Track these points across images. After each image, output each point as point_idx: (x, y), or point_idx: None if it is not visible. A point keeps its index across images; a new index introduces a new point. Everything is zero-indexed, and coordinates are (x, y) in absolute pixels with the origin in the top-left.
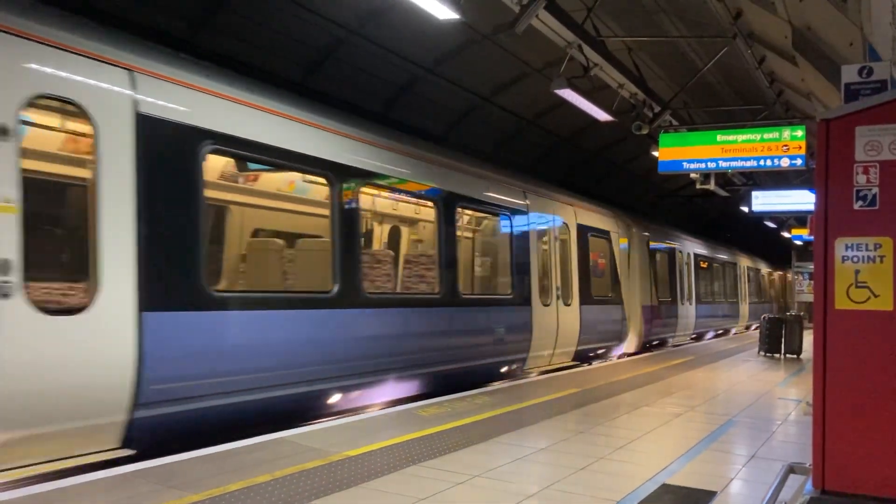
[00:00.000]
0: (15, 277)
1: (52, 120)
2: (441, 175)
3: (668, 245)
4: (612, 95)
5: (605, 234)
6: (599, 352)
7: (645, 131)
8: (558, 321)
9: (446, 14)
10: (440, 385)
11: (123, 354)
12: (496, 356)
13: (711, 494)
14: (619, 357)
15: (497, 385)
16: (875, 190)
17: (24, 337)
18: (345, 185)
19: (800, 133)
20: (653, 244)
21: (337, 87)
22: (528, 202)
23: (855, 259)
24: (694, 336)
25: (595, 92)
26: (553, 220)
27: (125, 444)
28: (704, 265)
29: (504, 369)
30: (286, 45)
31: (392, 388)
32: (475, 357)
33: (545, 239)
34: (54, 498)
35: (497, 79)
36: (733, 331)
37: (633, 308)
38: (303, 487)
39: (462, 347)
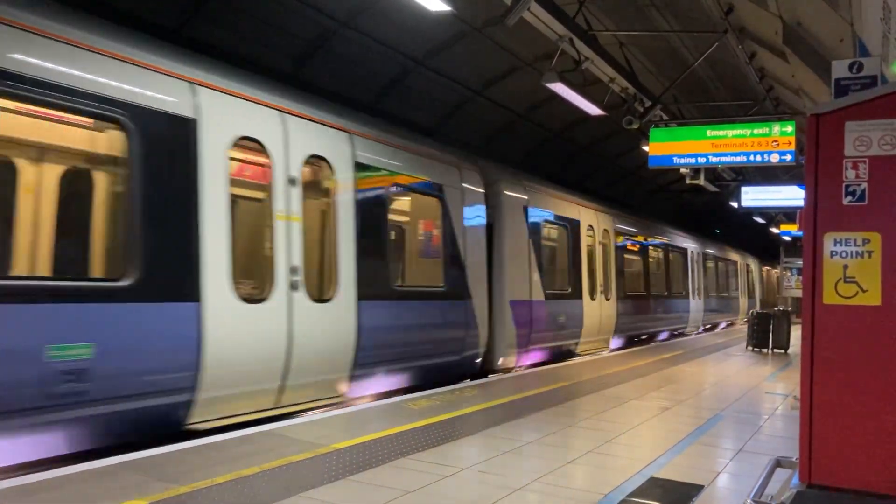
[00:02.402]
0: (299, 277)
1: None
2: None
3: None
4: (604, 90)
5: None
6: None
7: (635, 126)
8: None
9: (437, 6)
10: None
11: (350, 327)
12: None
13: (699, 488)
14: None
15: (488, 378)
16: (864, 185)
17: (307, 316)
18: None
19: (789, 129)
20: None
21: (327, 78)
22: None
23: (843, 254)
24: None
25: (586, 86)
26: (595, 227)
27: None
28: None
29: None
30: (276, 37)
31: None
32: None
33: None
34: (38, 489)
35: (488, 72)
36: (721, 325)
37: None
38: (291, 480)
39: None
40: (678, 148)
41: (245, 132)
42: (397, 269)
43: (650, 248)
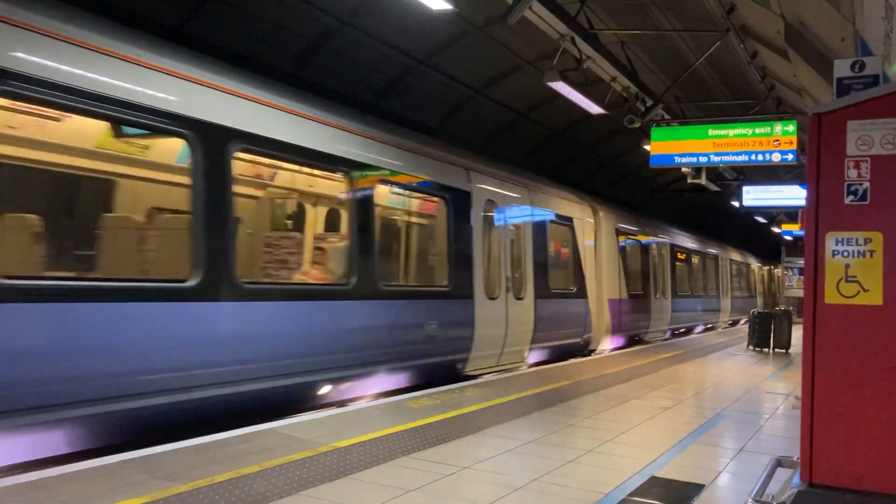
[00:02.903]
0: (510, 284)
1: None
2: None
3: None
4: (605, 89)
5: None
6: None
7: (637, 125)
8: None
9: (439, 5)
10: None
11: (531, 316)
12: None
13: (700, 487)
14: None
15: (487, 378)
16: (866, 185)
17: (513, 308)
18: None
19: (791, 128)
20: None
21: (329, 78)
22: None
23: (845, 254)
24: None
25: (588, 85)
26: (658, 245)
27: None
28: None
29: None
30: (277, 36)
31: None
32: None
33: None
34: (39, 486)
35: (489, 71)
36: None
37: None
38: (291, 478)
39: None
40: (680, 147)
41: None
42: (551, 278)
43: (690, 253)
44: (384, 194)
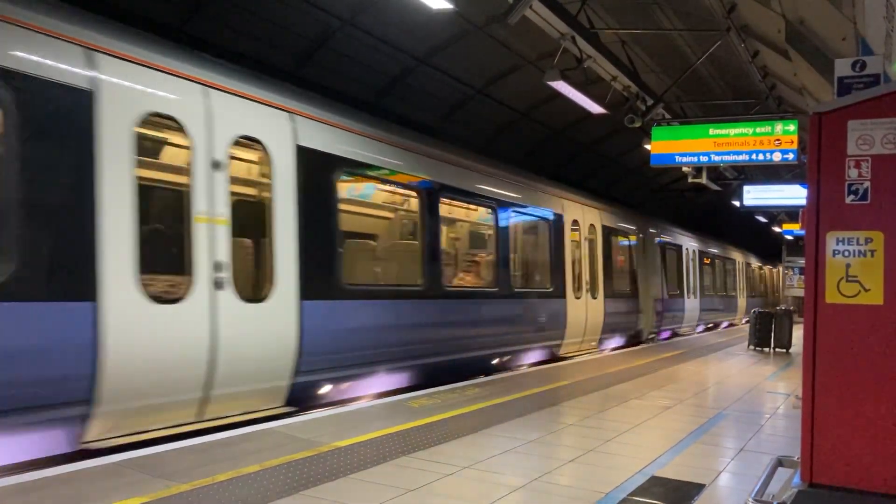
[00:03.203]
0: (591, 286)
1: None
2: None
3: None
4: (606, 88)
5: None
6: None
7: (637, 124)
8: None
9: (439, 4)
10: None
11: (601, 311)
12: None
13: (700, 487)
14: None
15: (489, 377)
16: (867, 184)
17: (594, 304)
18: None
19: (792, 127)
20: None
21: (329, 77)
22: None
23: (846, 253)
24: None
25: (588, 84)
26: (690, 250)
27: None
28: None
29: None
30: (278, 35)
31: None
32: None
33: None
34: (39, 486)
35: (490, 70)
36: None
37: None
38: (291, 478)
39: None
40: (680, 146)
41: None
42: (615, 281)
43: (714, 259)
44: (520, 223)
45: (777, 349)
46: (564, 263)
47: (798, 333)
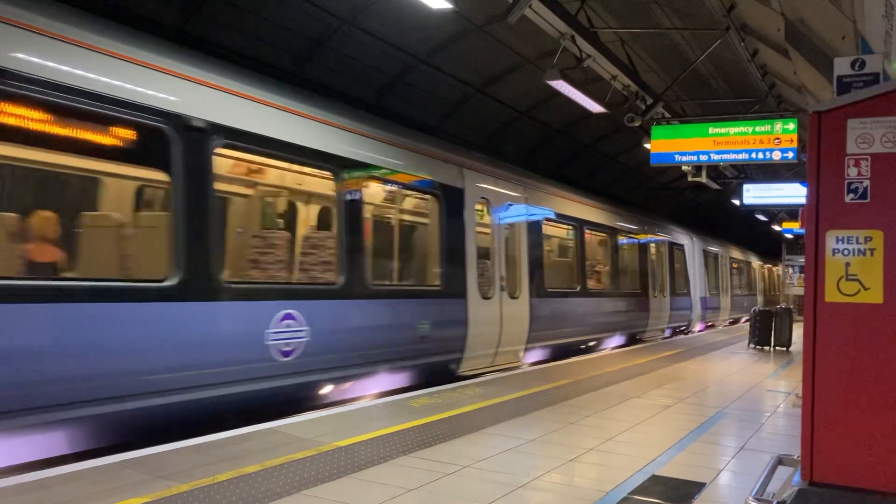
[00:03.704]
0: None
1: None
2: None
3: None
4: (605, 87)
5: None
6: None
7: (637, 123)
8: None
9: (439, 3)
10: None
11: (668, 306)
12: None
13: (701, 486)
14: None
15: (489, 377)
16: (866, 183)
17: (662, 302)
18: None
19: (791, 126)
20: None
21: (329, 76)
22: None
23: (845, 252)
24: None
25: (588, 84)
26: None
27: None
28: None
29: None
30: (278, 34)
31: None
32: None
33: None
34: (39, 487)
35: (490, 70)
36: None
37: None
38: (293, 477)
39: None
40: (680, 145)
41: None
42: (675, 282)
43: (740, 263)
44: (648, 246)
45: (777, 348)
46: (647, 270)
47: (798, 332)
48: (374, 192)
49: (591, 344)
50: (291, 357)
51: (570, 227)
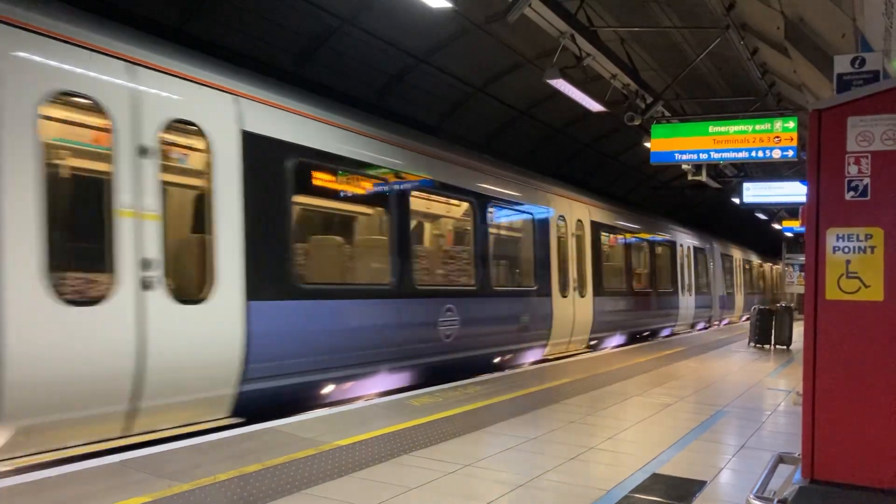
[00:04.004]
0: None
1: None
2: None
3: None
4: (605, 86)
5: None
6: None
7: (637, 122)
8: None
9: (439, 3)
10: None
11: (693, 303)
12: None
13: (701, 484)
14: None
15: (490, 375)
16: (866, 180)
17: (689, 300)
18: None
19: (791, 124)
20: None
21: (329, 76)
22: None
23: (846, 250)
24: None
25: (588, 82)
26: (735, 258)
27: None
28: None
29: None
30: (278, 34)
31: None
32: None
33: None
34: (41, 488)
35: (490, 69)
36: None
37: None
38: (293, 476)
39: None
40: (680, 144)
41: None
42: (700, 282)
43: (752, 265)
44: (715, 261)
45: (777, 346)
46: (678, 273)
47: (798, 330)
48: (501, 216)
49: (636, 335)
50: (450, 339)
51: (621, 238)
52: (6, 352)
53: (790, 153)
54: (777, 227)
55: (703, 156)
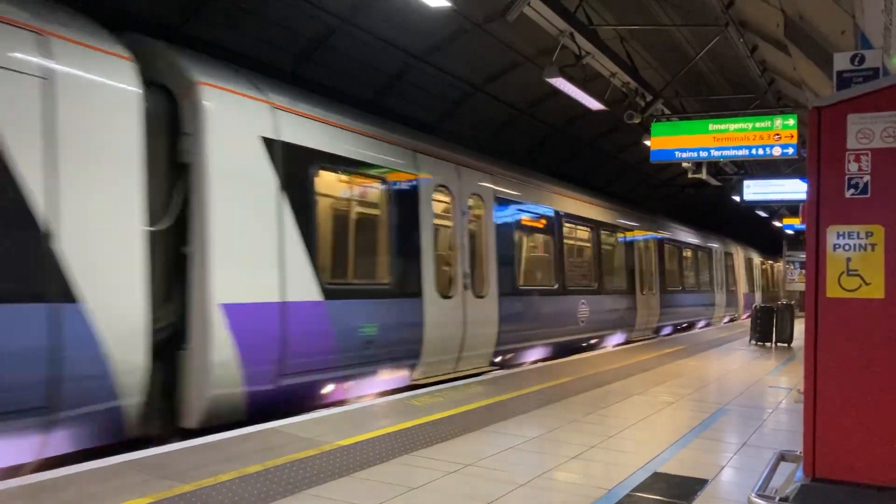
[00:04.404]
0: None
1: None
2: None
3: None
4: (605, 84)
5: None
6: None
7: (637, 120)
8: None
9: (438, 2)
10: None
11: (725, 300)
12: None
13: (703, 482)
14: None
15: (491, 375)
16: (867, 178)
17: (722, 297)
18: None
19: (791, 122)
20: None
21: (328, 76)
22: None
23: (846, 247)
24: None
25: (587, 81)
26: (750, 258)
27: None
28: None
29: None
30: (277, 34)
31: None
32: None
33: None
34: (42, 489)
35: (489, 68)
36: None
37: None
38: (295, 477)
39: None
40: (680, 142)
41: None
42: (727, 280)
43: (763, 265)
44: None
45: (779, 344)
46: (713, 275)
47: (800, 328)
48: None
49: (686, 325)
50: (583, 325)
51: (679, 248)
52: None
53: (790, 151)
54: (778, 224)
55: (704, 153)
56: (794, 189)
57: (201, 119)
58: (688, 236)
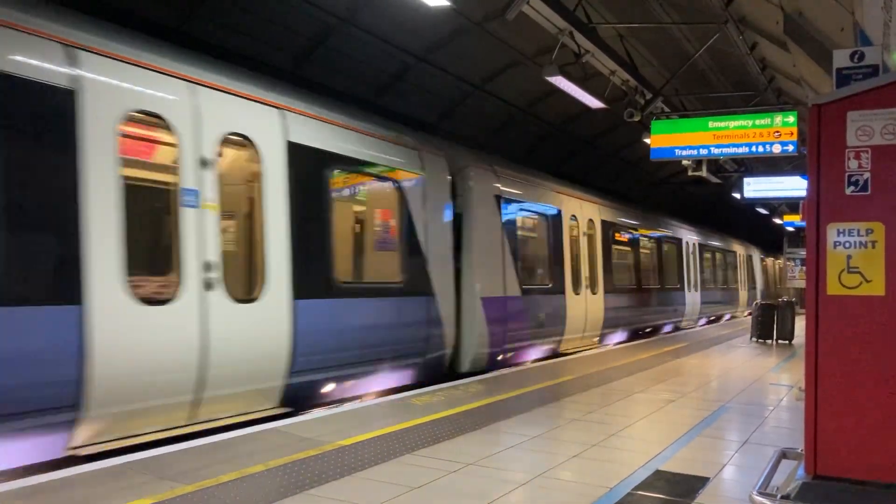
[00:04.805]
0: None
1: None
2: None
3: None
4: (604, 83)
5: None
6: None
7: (637, 118)
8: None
9: (437, 1)
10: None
11: (745, 298)
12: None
13: (704, 480)
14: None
15: (490, 375)
16: (867, 175)
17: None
18: None
19: (791, 119)
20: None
21: (327, 75)
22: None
23: (847, 244)
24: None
25: (587, 79)
26: (758, 257)
27: None
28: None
29: None
30: (276, 34)
31: None
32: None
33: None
34: (44, 490)
35: (489, 67)
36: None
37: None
38: (296, 477)
39: None
40: (680, 140)
41: None
42: (748, 282)
43: (769, 265)
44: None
45: (779, 341)
46: (738, 275)
47: (800, 325)
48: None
49: (715, 318)
50: (652, 315)
51: (713, 252)
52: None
53: (790, 148)
54: (778, 221)
55: (704, 151)
56: (794, 186)
57: (468, 187)
58: (716, 241)
